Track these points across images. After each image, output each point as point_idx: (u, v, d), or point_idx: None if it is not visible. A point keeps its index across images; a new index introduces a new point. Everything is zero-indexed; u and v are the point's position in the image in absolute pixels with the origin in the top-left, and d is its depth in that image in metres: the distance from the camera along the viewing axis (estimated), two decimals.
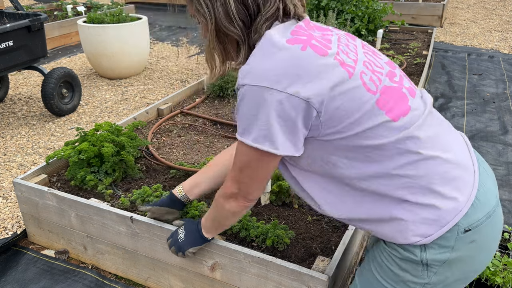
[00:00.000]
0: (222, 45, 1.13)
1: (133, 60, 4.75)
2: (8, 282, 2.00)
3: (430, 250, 1.06)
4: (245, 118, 1.04)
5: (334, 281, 1.55)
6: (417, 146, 1.04)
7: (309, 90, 0.98)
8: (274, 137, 1.01)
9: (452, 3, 8.99)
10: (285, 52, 1.01)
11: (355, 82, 1.01)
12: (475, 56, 5.53)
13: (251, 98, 1.01)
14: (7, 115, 3.88)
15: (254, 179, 1.14)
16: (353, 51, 1.08)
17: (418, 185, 1.04)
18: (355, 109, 1.01)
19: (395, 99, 1.05)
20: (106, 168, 2.19)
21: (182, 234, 1.54)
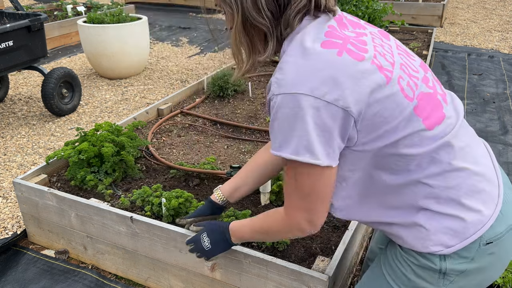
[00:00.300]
0: (249, 38, 1.06)
1: (133, 60, 4.75)
2: (8, 282, 2.00)
3: (449, 260, 1.05)
4: (282, 130, 0.97)
5: (334, 281, 1.55)
6: (450, 156, 1.02)
7: (348, 98, 0.93)
8: (313, 147, 0.95)
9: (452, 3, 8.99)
10: (320, 57, 0.96)
11: (393, 88, 0.97)
12: (475, 56, 5.53)
13: (287, 107, 0.95)
14: (7, 115, 3.88)
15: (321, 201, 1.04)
16: (389, 53, 1.03)
17: (446, 195, 1.03)
18: (393, 116, 0.97)
19: (431, 106, 1.02)
20: (106, 168, 2.19)
21: (207, 242, 1.42)
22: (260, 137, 2.79)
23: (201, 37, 6.61)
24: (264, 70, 4.04)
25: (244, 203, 2.03)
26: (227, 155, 2.56)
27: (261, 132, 2.84)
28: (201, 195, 2.11)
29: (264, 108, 3.18)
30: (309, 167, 0.98)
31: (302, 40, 0.99)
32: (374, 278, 1.22)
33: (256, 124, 2.94)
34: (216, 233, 1.41)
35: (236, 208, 1.98)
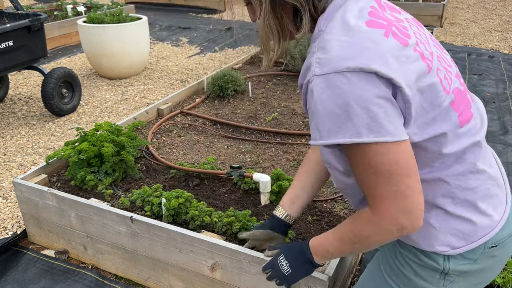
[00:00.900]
0: (279, 21, 0.99)
1: (133, 60, 4.74)
2: (8, 282, 2.00)
3: (453, 260, 1.03)
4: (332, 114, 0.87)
5: (334, 281, 1.55)
6: (476, 158, 1.00)
7: (400, 78, 0.87)
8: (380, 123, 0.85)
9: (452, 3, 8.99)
10: (367, 36, 0.88)
11: (434, 78, 0.93)
12: (475, 56, 5.53)
13: (335, 87, 0.85)
14: (7, 115, 3.88)
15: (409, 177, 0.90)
16: (426, 42, 0.98)
17: (463, 196, 1.00)
18: (431, 108, 0.92)
19: (463, 104, 0.99)
20: (106, 168, 2.19)
21: (286, 266, 1.21)
22: (260, 137, 2.79)
23: (201, 37, 6.61)
24: (264, 71, 4.04)
25: (244, 203, 2.03)
26: (227, 155, 2.56)
27: (261, 132, 2.84)
28: (201, 195, 2.11)
29: (264, 108, 3.18)
30: (379, 145, 0.87)
31: (343, 17, 0.92)
32: (372, 277, 1.21)
33: (256, 124, 2.94)
34: (296, 254, 1.21)
35: (236, 208, 1.98)
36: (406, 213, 0.91)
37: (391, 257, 1.14)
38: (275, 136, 2.79)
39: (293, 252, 1.22)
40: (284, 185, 1.97)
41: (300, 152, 2.56)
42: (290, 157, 2.50)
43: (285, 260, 1.22)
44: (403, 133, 0.89)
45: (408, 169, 0.89)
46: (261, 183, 1.97)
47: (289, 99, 3.35)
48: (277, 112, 3.11)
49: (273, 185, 2.00)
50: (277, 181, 2.02)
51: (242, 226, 1.77)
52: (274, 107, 3.21)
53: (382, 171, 0.89)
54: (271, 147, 2.65)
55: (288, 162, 2.45)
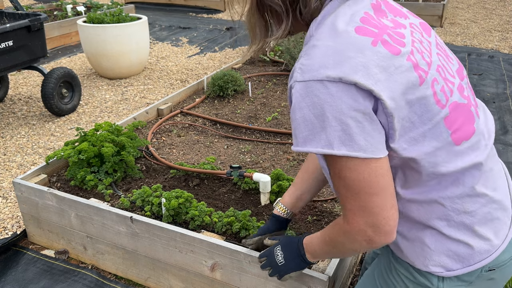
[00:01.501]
0: (263, 19, 0.99)
1: (133, 60, 4.74)
2: (8, 282, 2.00)
3: (447, 282, 1.00)
4: (307, 122, 0.86)
5: (334, 281, 1.55)
6: (474, 181, 0.95)
7: (382, 91, 0.83)
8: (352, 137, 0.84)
9: (452, 3, 8.99)
10: (353, 42, 0.85)
11: (426, 91, 0.88)
12: (475, 56, 5.53)
13: (313, 95, 0.84)
14: (7, 115, 3.88)
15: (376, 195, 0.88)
16: (427, 51, 0.93)
17: (459, 219, 0.96)
18: (421, 122, 0.88)
19: (463, 119, 0.93)
20: (106, 168, 2.19)
21: (281, 257, 1.26)
22: (260, 137, 2.79)
23: (201, 37, 6.61)
24: (264, 70, 4.04)
25: (244, 203, 2.03)
26: (227, 155, 2.56)
27: (261, 132, 2.83)
28: (201, 195, 2.11)
29: (264, 108, 3.18)
30: (350, 160, 0.86)
31: (334, 22, 0.89)
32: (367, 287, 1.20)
33: (256, 124, 2.94)
34: (291, 248, 1.24)
35: (236, 208, 1.98)
36: (374, 227, 0.90)
37: (386, 272, 1.12)
38: (275, 136, 2.79)
39: (289, 245, 1.25)
40: (284, 185, 1.97)
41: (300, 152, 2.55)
42: (290, 157, 2.50)
43: (280, 251, 1.26)
44: (378, 151, 0.86)
45: (378, 187, 0.87)
46: (261, 183, 1.97)
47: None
48: (277, 112, 3.10)
49: (273, 185, 2.00)
50: (277, 181, 2.02)
51: (242, 226, 1.77)
52: (274, 107, 3.21)
53: (351, 186, 0.88)
54: (271, 147, 2.64)
55: (288, 162, 2.45)
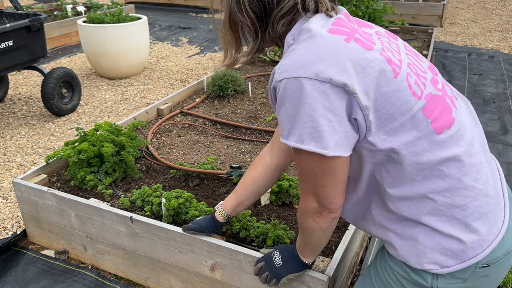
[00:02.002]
0: (234, 34, 1.07)
1: (133, 60, 4.74)
2: (8, 282, 1.99)
3: (442, 279, 1.01)
4: (289, 117, 0.92)
5: (334, 281, 1.55)
6: (461, 172, 0.96)
7: (356, 84, 0.88)
8: (321, 134, 0.90)
9: (452, 3, 8.99)
10: (327, 41, 0.92)
11: (401, 84, 0.92)
12: (475, 56, 5.53)
13: (292, 92, 0.90)
14: (7, 115, 3.88)
15: (326, 186, 0.99)
16: (396, 51, 0.99)
17: (450, 214, 0.97)
18: (399, 113, 0.92)
19: (440, 108, 0.96)
20: (106, 168, 2.19)
21: (279, 259, 1.34)
22: (260, 137, 2.79)
23: (201, 37, 6.61)
24: (264, 70, 4.04)
25: None
26: (227, 155, 2.56)
27: (261, 132, 2.83)
28: (201, 195, 2.10)
29: (264, 108, 3.18)
30: (316, 156, 0.93)
31: (308, 27, 0.96)
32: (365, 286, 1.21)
33: (256, 124, 2.94)
34: (287, 250, 1.35)
35: None
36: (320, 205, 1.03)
37: (382, 271, 1.13)
38: None
39: (286, 248, 1.36)
40: (284, 185, 1.97)
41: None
42: None
43: (278, 254, 1.36)
44: (342, 150, 0.93)
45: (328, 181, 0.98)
46: None
47: None
48: None
49: (273, 185, 2.00)
50: (277, 181, 2.02)
51: (242, 226, 1.77)
52: None
53: (308, 175, 0.99)
54: None
55: None
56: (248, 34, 1.06)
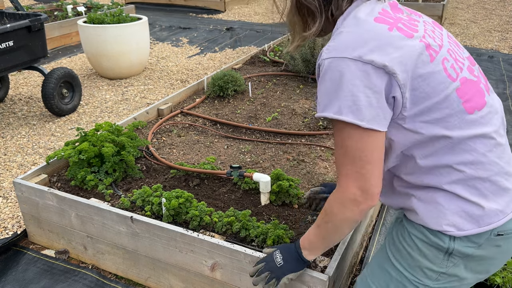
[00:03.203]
0: (301, 17, 1.16)
1: (133, 60, 4.75)
2: (8, 282, 2.00)
3: (459, 242, 1.08)
4: (328, 92, 1.02)
5: (334, 281, 1.56)
6: (486, 148, 1.05)
7: (395, 66, 0.98)
8: (360, 108, 0.99)
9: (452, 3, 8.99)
10: (372, 28, 1.02)
11: (437, 67, 1.03)
12: (475, 56, 5.53)
13: (335, 70, 1.00)
14: (7, 115, 3.88)
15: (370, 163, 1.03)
16: (439, 38, 1.09)
17: (472, 184, 1.06)
18: (434, 93, 1.02)
19: (473, 91, 1.07)
20: (106, 168, 2.19)
21: (280, 259, 1.34)
22: (260, 137, 2.79)
23: (201, 37, 6.61)
24: (264, 70, 4.05)
25: (244, 203, 2.03)
26: (227, 155, 2.56)
27: (261, 132, 2.84)
28: (201, 195, 2.11)
29: (264, 108, 3.19)
30: (354, 128, 1.01)
31: (356, 15, 1.06)
32: (379, 261, 1.26)
33: (256, 124, 2.94)
34: (289, 249, 1.35)
35: (236, 208, 1.98)
36: (363, 191, 1.05)
37: (398, 239, 1.19)
38: (275, 136, 2.79)
39: (287, 248, 1.36)
40: (284, 185, 1.98)
41: (300, 152, 2.56)
42: (290, 157, 2.50)
43: (279, 254, 1.35)
44: (378, 125, 1.01)
45: (372, 157, 1.03)
46: (261, 183, 1.98)
47: (289, 99, 3.35)
48: (277, 112, 3.11)
49: (273, 185, 2.01)
50: (277, 181, 2.03)
51: (242, 226, 1.77)
52: (274, 107, 3.22)
53: (350, 153, 1.04)
54: (271, 147, 2.65)
55: (288, 162, 2.46)
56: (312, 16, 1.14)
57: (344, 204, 1.09)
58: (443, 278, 1.13)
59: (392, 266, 1.20)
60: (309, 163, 2.42)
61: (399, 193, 1.17)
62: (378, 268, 1.25)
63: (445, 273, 1.12)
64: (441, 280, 1.13)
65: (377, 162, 1.04)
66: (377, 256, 1.28)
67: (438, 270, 1.12)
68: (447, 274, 1.12)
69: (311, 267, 1.61)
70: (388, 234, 1.28)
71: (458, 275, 1.12)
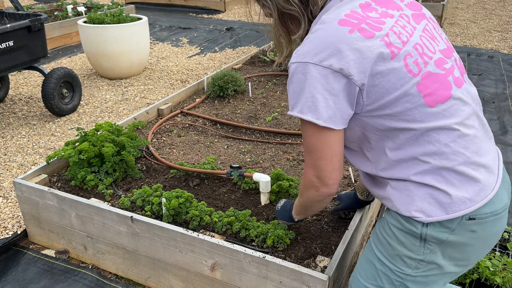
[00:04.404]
0: (286, 27, 1.25)
1: (133, 60, 4.75)
2: (8, 282, 2.00)
3: (431, 227, 1.11)
4: (294, 93, 1.12)
5: (334, 281, 1.56)
6: (449, 139, 1.09)
7: (351, 68, 1.05)
8: (317, 108, 1.08)
9: (451, 3, 8.99)
10: (333, 32, 1.08)
11: (397, 64, 1.07)
12: (474, 56, 5.53)
13: (300, 73, 1.09)
14: (7, 115, 3.88)
15: (323, 159, 1.15)
16: (408, 34, 1.13)
17: (438, 173, 1.10)
18: (394, 88, 1.07)
19: (437, 85, 1.10)
20: (106, 168, 2.19)
21: (279, 205, 1.72)
22: (260, 137, 2.79)
23: (201, 37, 6.61)
24: (264, 70, 4.05)
25: (244, 203, 2.03)
26: (227, 155, 2.56)
27: (261, 132, 2.84)
28: (201, 195, 2.11)
29: (264, 108, 3.19)
30: (312, 126, 1.11)
31: (324, 17, 1.13)
32: (366, 255, 1.31)
33: (256, 124, 2.94)
34: (287, 203, 1.69)
35: (236, 208, 1.98)
36: (319, 179, 1.19)
37: (380, 230, 1.25)
38: (275, 136, 2.79)
39: (288, 202, 1.70)
40: (284, 185, 1.98)
41: (300, 152, 2.56)
42: (290, 157, 2.50)
43: (282, 203, 1.73)
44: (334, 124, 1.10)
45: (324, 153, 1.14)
46: (261, 183, 1.98)
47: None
48: (277, 112, 3.11)
49: (273, 185, 2.01)
50: (277, 181, 2.03)
51: (242, 226, 1.78)
52: (274, 107, 3.22)
53: (308, 147, 1.17)
54: (271, 147, 2.65)
55: (288, 162, 2.46)
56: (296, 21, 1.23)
57: (306, 188, 1.26)
58: (422, 266, 1.16)
59: (376, 258, 1.25)
60: None
61: (379, 182, 1.26)
62: (365, 262, 1.31)
63: (423, 261, 1.15)
64: (421, 268, 1.17)
65: (330, 157, 1.15)
66: (365, 251, 1.33)
67: (416, 258, 1.15)
68: (425, 262, 1.15)
69: (311, 267, 1.62)
70: (374, 229, 1.32)
71: (437, 263, 1.15)
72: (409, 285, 1.20)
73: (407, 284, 1.20)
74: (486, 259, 1.84)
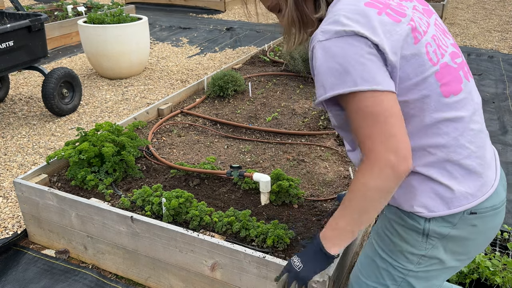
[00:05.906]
0: (300, 12, 1.18)
1: (133, 60, 4.75)
2: (9, 282, 2.00)
3: (433, 222, 1.11)
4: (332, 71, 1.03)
5: (334, 281, 1.56)
6: (457, 132, 1.09)
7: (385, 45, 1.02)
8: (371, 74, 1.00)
9: (451, 3, 8.99)
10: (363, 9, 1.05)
11: (420, 49, 1.07)
12: (474, 56, 5.53)
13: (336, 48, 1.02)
14: (7, 115, 3.88)
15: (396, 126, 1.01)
16: (425, 25, 1.13)
17: (443, 166, 1.10)
18: (414, 73, 1.06)
19: (451, 77, 1.10)
20: (106, 168, 2.20)
21: (298, 262, 1.22)
22: (260, 137, 2.79)
23: (201, 37, 6.61)
24: (264, 70, 4.05)
25: (244, 203, 2.04)
26: (227, 155, 2.56)
27: (261, 132, 2.84)
28: (201, 195, 2.11)
29: (264, 108, 3.19)
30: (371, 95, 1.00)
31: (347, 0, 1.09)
32: (367, 252, 1.30)
33: (256, 124, 2.94)
34: (307, 249, 1.22)
35: (236, 208, 1.98)
36: (395, 152, 1.00)
37: (381, 227, 1.24)
38: (275, 136, 2.79)
39: (306, 248, 1.23)
40: (284, 185, 1.98)
41: (300, 152, 2.56)
42: (290, 157, 2.51)
43: (297, 258, 1.23)
44: (391, 86, 1.03)
45: (395, 114, 1.02)
46: (261, 183, 1.98)
47: (289, 99, 3.35)
48: (277, 112, 3.11)
49: (273, 185, 2.01)
50: (277, 181, 2.03)
51: (242, 226, 1.78)
52: (274, 107, 3.22)
53: (373, 116, 1.01)
54: (271, 147, 2.65)
55: (288, 162, 2.46)
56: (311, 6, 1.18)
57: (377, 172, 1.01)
58: (424, 261, 1.16)
59: (377, 255, 1.24)
60: (309, 163, 2.43)
61: None
62: (365, 259, 1.30)
63: (425, 256, 1.15)
64: (423, 263, 1.16)
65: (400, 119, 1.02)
66: (365, 249, 1.33)
67: (418, 253, 1.15)
68: (427, 257, 1.15)
69: None
70: (374, 226, 1.32)
71: (438, 257, 1.15)
72: (411, 280, 1.20)
73: (409, 280, 1.20)
74: (486, 259, 1.84)
